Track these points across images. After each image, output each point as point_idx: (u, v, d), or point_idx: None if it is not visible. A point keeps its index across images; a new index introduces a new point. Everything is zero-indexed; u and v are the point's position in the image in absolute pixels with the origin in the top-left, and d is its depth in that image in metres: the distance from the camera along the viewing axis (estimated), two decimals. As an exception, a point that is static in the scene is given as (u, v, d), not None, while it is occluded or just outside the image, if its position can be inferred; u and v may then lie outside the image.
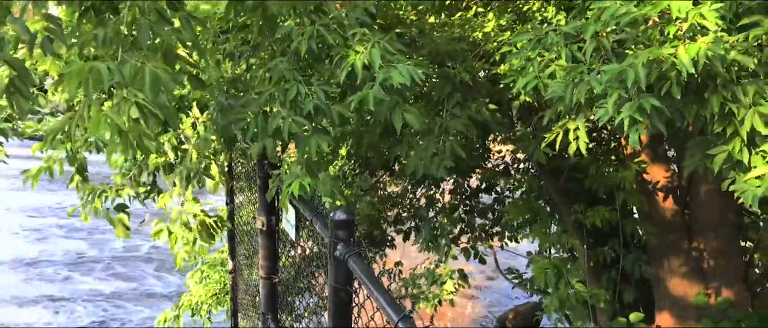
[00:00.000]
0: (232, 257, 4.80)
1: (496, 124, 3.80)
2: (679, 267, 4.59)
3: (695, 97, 2.48)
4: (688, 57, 2.23)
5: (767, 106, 2.33)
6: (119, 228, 3.15)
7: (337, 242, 2.41)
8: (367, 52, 2.46)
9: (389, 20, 3.85)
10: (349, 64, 2.48)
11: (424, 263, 5.81)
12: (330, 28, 2.59)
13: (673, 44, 2.30)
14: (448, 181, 5.76)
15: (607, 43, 2.59)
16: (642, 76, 2.28)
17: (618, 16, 2.42)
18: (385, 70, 2.43)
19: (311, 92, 2.55)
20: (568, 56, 2.72)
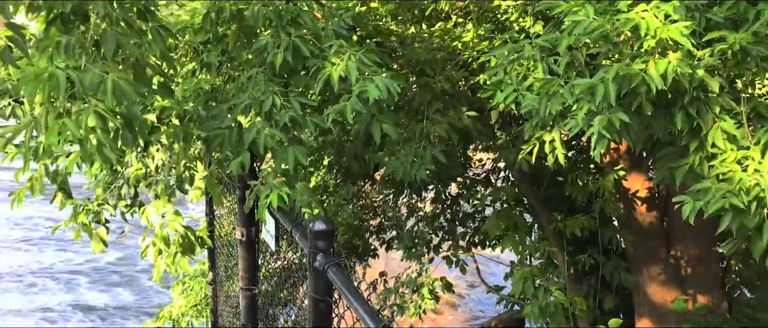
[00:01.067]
0: (213, 268, 4.77)
1: (476, 132, 3.83)
2: (657, 274, 4.63)
3: (664, 111, 2.54)
4: (657, 73, 2.28)
5: (730, 122, 2.40)
6: (96, 242, 3.12)
7: (317, 253, 2.40)
8: (343, 64, 2.48)
9: (369, 31, 3.86)
10: (324, 76, 2.49)
11: (407, 272, 5.82)
12: (306, 40, 2.60)
13: (643, 60, 2.34)
14: (430, 190, 5.78)
15: (581, 57, 2.63)
16: (612, 91, 2.33)
17: (589, 32, 2.45)
18: (361, 83, 2.44)
19: (287, 104, 2.56)
20: (545, 69, 2.75)
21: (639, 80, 2.30)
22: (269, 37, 2.65)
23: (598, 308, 4.73)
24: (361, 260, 5.84)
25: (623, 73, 2.30)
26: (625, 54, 2.41)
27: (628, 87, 2.33)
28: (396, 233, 5.93)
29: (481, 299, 9.37)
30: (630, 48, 2.42)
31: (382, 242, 6.01)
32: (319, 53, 2.61)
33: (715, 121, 2.41)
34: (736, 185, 2.28)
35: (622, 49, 2.45)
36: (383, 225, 5.98)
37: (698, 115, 2.41)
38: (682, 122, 2.44)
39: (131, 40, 2.05)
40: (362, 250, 5.80)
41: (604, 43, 2.48)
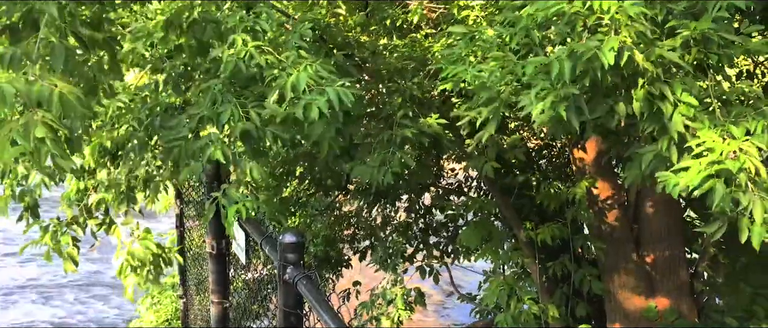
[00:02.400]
0: (183, 282, 4.71)
1: (447, 141, 3.84)
2: (628, 281, 4.68)
3: (625, 95, 2.50)
4: (608, 47, 2.21)
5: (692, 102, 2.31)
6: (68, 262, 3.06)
7: (287, 265, 2.39)
8: (294, 76, 2.47)
9: (338, 42, 3.86)
10: (277, 87, 2.48)
11: (382, 283, 5.80)
12: (263, 50, 2.59)
13: (598, 38, 2.30)
14: (403, 200, 5.78)
15: (535, 37, 2.60)
16: (567, 68, 2.26)
17: (545, 8, 2.42)
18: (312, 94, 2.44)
19: (244, 114, 2.54)
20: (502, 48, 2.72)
21: (591, 54, 2.22)
22: (225, 47, 2.63)
23: (571, 316, 4.77)
24: (335, 271, 5.81)
25: (577, 50, 2.24)
26: (581, 35, 2.37)
27: (582, 66, 2.26)
28: (370, 243, 5.91)
29: (457, 309, 9.37)
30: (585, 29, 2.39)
31: (356, 252, 5.99)
32: (277, 64, 2.60)
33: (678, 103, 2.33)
34: (719, 155, 2.15)
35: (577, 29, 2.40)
36: (357, 235, 5.96)
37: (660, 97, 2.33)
38: (642, 102, 2.36)
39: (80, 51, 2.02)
40: (336, 261, 5.77)
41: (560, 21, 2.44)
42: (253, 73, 2.67)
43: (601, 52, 2.22)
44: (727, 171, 2.14)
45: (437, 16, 4.52)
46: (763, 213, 2.16)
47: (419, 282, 5.95)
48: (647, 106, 2.39)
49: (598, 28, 2.34)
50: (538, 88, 2.37)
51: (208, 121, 2.67)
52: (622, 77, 2.40)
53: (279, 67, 2.60)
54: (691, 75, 2.41)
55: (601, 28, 2.34)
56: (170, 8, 3.10)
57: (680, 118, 2.32)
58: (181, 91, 3.18)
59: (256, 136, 2.50)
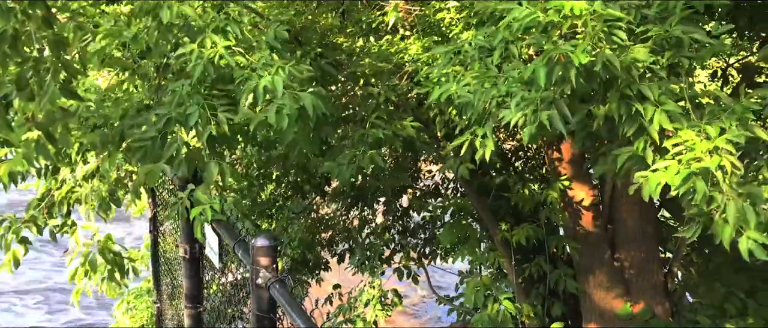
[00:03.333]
0: (157, 286, 4.65)
1: (421, 143, 3.85)
2: (603, 281, 4.72)
3: (602, 99, 2.53)
4: (581, 49, 2.25)
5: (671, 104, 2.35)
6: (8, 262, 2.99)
7: (259, 269, 2.37)
8: (269, 78, 2.45)
9: (313, 44, 3.84)
10: (249, 89, 2.46)
11: (359, 285, 5.79)
12: (234, 52, 2.56)
13: (573, 44, 2.34)
14: (381, 202, 5.77)
15: (515, 50, 2.63)
16: (542, 74, 2.30)
17: (521, 19, 2.45)
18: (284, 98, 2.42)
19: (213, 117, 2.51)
20: (483, 67, 2.75)
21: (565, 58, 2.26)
22: (195, 46, 2.60)
23: (547, 316, 4.80)
24: (313, 274, 5.79)
25: (553, 58, 2.27)
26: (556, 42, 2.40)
27: (558, 71, 2.28)
28: (348, 245, 5.90)
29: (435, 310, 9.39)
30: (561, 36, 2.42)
31: (333, 255, 5.97)
32: (248, 65, 2.57)
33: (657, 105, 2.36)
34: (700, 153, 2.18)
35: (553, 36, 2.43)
36: (335, 238, 5.94)
37: (637, 99, 2.36)
38: (618, 104, 2.39)
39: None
40: (314, 264, 5.75)
41: (536, 31, 2.47)
42: (223, 75, 2.64)
43: (573, 54, 2.24)
44: (706, 170, 2.17)
45: (413, 18, 4.52)
46: (735, 213, 2.19)
47: (398, 284, 5.96)
48: (626, 108, 2.42)
49: (575, 35, 2.37)
50: (518, 97, 2.40)
51: (176, 123, 2.64)
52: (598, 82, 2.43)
53: (250, 68, 2.57)
54: (665, 79, 2.44)
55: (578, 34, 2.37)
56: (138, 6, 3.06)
57: (661, 117, 2.33)
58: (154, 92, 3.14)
59: (225, 141, 2.47)
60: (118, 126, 2.96)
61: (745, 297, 4.72)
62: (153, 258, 4.65)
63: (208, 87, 2.68)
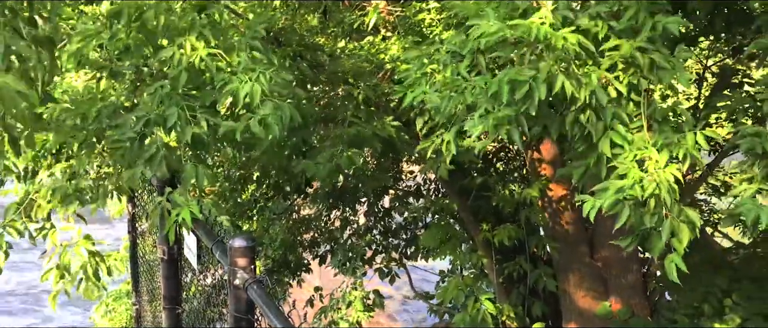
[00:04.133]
0: (136, 288, 4.61)
1: (402, 142, 3.85)
2: (583, 280, 4.76)
3: (558, 116, 2.60)
4: (542, 78, 2.32)
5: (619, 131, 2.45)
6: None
7: (237, 270, 2.35)
8: (249, 85, 2.44)
9: (294, 45, 3.83)
10: (229, 93, 2.45)
11: (341, 287, 5.78)
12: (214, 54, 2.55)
13: (533, 67, 2.39)
14: (363, 203, 5.77)
15: (483, 61, 2.68)
16: (505, 90, 2.37)
17: (488, 35, 2.49)
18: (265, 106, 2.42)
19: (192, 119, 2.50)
20: (453, 72, 2.78)
21: (525, 89, 2.35)
22: (176, 48, 2.58)
23: (528, 315, 4.82)
24: (295, 275, 5.77)
25: (514, 78, 2.35)
26: (524, 59, 2.46)
27: (520, 92, 2.37)
28: (330, 246, 5.89)
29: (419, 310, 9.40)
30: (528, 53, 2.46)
31: (315, 257, 5.95)
32: (228, 68, 2.56)
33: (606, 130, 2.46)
34: (630, 181, 2.33)
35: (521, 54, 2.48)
36: (316, 239, 5.93)
37: (588, 123, 2.46)
38: (572, 128, 2.50)
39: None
40: (295, 265, 5.73)
41: (502, 47, 2.53)
42: (203, 79, 2.63)
43: (535, 83, 2.32)
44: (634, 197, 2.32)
45: (394, 19, 4.52)
46: (669, 233, 2.38)
47: (380, 284, 5.96)
48: (579, 129, 2.51)
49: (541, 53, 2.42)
50: (482, 110, 2.46)
51: (155, 124, 2.62)
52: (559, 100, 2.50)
53: (230, 72, 2.56)
54: (625, 98, 2.51)
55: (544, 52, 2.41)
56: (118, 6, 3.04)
57: (606, 143, 2.45)
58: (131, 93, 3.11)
59: (206, 143, 2.46)
60: (94, 127, 2.93)
61: (723, 296, 4.78)
62: (131, 259, 4.61)
63: (187, 88, 2.66)
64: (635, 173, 2.35)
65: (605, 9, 2.58)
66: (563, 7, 2.50)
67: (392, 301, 9.00)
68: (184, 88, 2.60)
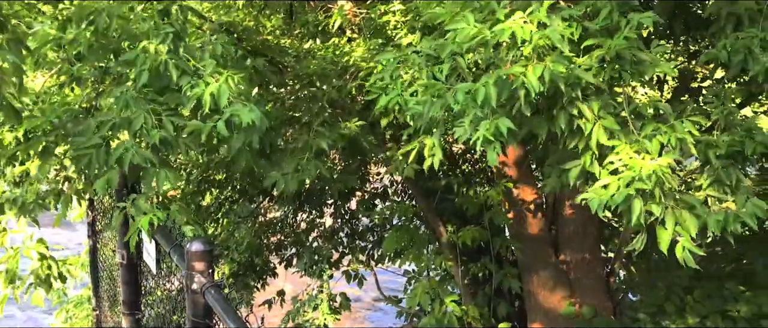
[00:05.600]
0: (96, 293, 4.52)
1: (368, 145, 3.84)
2: (547, 280, 4.80)
3: (546, 114, 2.61)
4: (535, 76, 2.33)
5: (610, 119, 2.47)
6: None
7: (194, 275, 2.32)
8: (215, 86, 2.41)
9: (257, 46, 3.80)
10: (195, 96, 2.42)
11: (307, 290, 5.75)
12: (179, 57, 2.52)
13: (522, 65, 2.41)
14: (330, 205, 5.75)
15: (463, 63, 2.67)
16: (493, 94, 2.37)
17: (470, 38, 2.50)
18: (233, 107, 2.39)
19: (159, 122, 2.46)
20: (430, 76, 2.79)
21: (518, 84, 2.34)
22: (139, 52, 2.54)
23: (493, 316, 4.85)
24: (260, 279, 5.72)
25: (503, 77, 2.35)
26: (505, 60, 2.46)
27: (508, 91, 2.37)
28: (296, 249, 5.85)
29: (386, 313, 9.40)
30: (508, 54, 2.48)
31: (282, 260, 5.91)
32: (193, 71, 2.53)
33: (596, 120, 2.47)
34: (638, 172, 2.30)
35: (502, 55, 2.50)
36: (283, 242, 5.88)
37: (579, 116, 2.47)
38: (564, 122, 2.50)
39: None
40: (261, 268, 5.68)
41: (484, 50, 2.53)
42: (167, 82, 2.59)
43: (526, 79, 2.31)
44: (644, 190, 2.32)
45: (359, 20, 4.52)
46: (674, 223, 2.38)
47: (348, 287, 5.94)
48: (568, 124, 2.51)
49: (521, 53, 2.43)
50: (471, 116, 2.45)
51: (120, 128, 2.57)
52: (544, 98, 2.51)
53: (195, 75, 2.53)
54: (606, 93, 2.53)
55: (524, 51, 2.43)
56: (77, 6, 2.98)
57: (600, 132, 2.45)
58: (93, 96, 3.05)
59: (172, 145, 2.42)
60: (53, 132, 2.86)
61: (684, 295, 4.86)
62: (92, 264, 4.52)
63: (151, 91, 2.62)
64: (637, 163, 2.33)
65: (578, 12, 2.62)
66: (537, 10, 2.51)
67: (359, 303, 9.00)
68: (148, 91, 2.56)
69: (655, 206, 2.34)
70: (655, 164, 2.34)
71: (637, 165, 2.34)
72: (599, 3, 2.64)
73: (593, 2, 2.65)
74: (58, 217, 3.16)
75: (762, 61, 2.67)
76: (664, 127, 2.53)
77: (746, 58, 2.73)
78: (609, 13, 2.62)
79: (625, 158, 2.39)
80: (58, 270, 3.02)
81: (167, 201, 2.63)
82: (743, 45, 2.74)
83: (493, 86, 2.38)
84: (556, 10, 2.63)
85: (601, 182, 2.41)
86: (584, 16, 2.70)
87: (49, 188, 3.14)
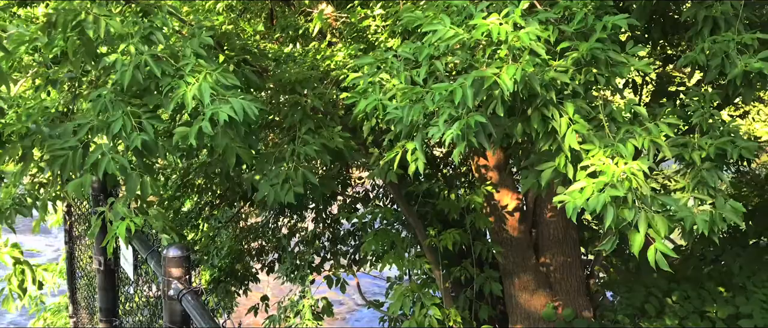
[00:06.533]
0: (73, 300, 4.47)
1: (349, 150, 3.83)
2: (528, 283, 4.83)
3: (521, 116, 2.63)
4: (508, 76, 2.35)
5: (582, 123, 2.49)
6: None
7: (171, 281, 2.30)
8: (197, 85, 2.39)
9: (237, 50, 3.78)
10: (178, 96, 2.40)
11: (289, 295, 5.71)
12: (159, 59, 2.49)
13: (497, 66, 2.42)
14: (311, 209, 5.72)
15: (440, 66, 2.69)
16: (469, 95, 2.38)
17: (446, 39, 2.51)
18: (214, 105, 2.37)
19: (137, 125, 2.43)
20: (407, 79, 2.79)
21: (491, 82, 2.36)
22: (119, 54, 2.52)
23: (475, 319, 4.86)
24: (242, 284, 5.68)
25: (479, 77, 2.35)
26: (481, 62, 2.48)
27: (484, 92, 2.38)
28: (278, 255, 5.82)
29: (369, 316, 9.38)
30: (485, 56, 2.49)
31: (263, 266, 5.87)
32: (174, 73, 2.51)
33: (569, 124, 2.49)
34: (611, 177, 2.33)
35: (478, 57, 2.52)
36: (264, 247, 5.85)
37: (554, 117, 2.48)
38: (538, 124, 2.51)
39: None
40: (242, 274, 5.64)
41: (461, 51, 2.55)
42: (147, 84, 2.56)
43: (500, 80, 2.33)
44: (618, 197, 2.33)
45: (340, 25, 4.51)
46: (646, 226, 2.40)
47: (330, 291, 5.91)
48: (542, 126, 2.53)
49: (497, 55, 2.44)
50: (445, 115, 2.46)
51: (98, 132, 2.54)
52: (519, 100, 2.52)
53: (176, 76, 2.51)
54: (581, 96, 2.55)
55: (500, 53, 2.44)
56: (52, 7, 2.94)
57: (573, 136, 2.46)
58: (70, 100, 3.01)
59: (152, 149, 2.40)
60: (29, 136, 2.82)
61: (663, 296, 4.92)
62: (68, 271, 4.47)
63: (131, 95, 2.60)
64: (610, 168, 2.35)
65: (554, 15, 2.63)
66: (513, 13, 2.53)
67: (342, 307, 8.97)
68: (127, 94, 2.53)
69: (627, 211, 2.37)
70: (627, 168, 2.37)
71: (610, 171, 2.37)
72: (574, 6, 2.66)
73: (568, 3, 2.68)
74: (36, 223, 3.12)
75: (739, 65, 2.71)
76: (638, 130, 2.56)
77: (724, 62, 2.77)
78: (584, 17, 2.65)
79: (598, 163, 2.42)
80: (34, 276, 2.98)
81: (146, 206, 2.61)
82: (721, 48, 2.78)
83: (469, 87, 2.40)
84: (532, 13, 2.65)
85: (578, 185, 2.43)
86: (560, 20, 2.72)
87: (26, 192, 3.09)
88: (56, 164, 2.55)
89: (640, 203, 2.40)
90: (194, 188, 4.84)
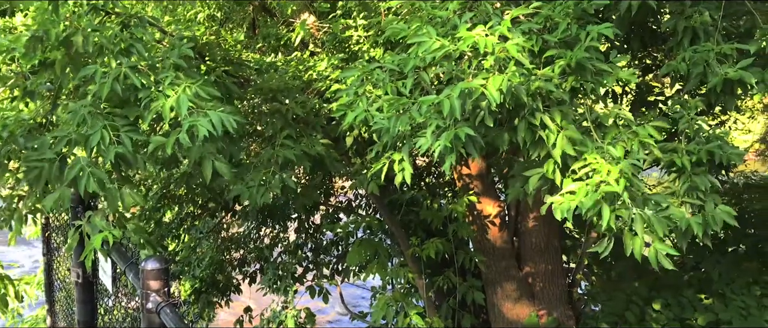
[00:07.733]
0: (52, 312, 4.40)
1: (331, 160, 3.83)
2: (511, 292, 4.84)
3: (507, 126, 2.65)
4: (495, 87, 2.37)
5: (573, 129, 2.51)
6: None
7: (149, 293, 2.27)
8: (175, 97, 2.38)
9: (218, 61, 3.76)
10: (155, 109, 2.38)
11: (271, 306, 5.67)
12: (139, 70, 2.48)
13: (483, 77, 2.44)
14: (294, 220, 5.70)
15: (426, 77, 2.71)
16: (457, 106, 2.40)
17: (433, 51, 2.53)
18: (192, 117, 2.36)
19: (116, 138, 2.41)
20: (393, 91, 2.81)
21: (478, 94, 2.38)
22: (99, 66, 2.50)
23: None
24: (223, 295, 5.63)
25: (465, 89, 2.37)
26: (467, 73, 2.50)
27: (470, 103, 2.40)
28: (260, 265, 5.78)
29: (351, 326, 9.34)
30: (471, 66, 2.51)
31: (245, 276, 5.83)
32: (153, 84, 2.49)
33: (560, 130, 2.51)
34: (605, 175, 2.33)
35: (464, 68, 2.54)
36: (246, 258, 5.81)
37: (541, 126, 2.49)
38: (525, 133, 2.53)
39: None
40: (224, 285, 5.60)
41: (447, 63, 2.57)
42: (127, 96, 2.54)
43: (487, 91, 2.34)
44: (613, 193, 2.34)
45: (322, 35, 4.51)
46: (643, 226, 2.41)
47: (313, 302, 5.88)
48: (529, 135, 2.54)
49: (482, 65, 2.46)
50: (433, 126, 2.47)
51: (76, 145, 2.52)
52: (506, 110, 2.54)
53: (155, 88, 2.49)
54: (567, 103, 2.57)
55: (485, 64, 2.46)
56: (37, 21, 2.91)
57: (564, 141, 2.47)
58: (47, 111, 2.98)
59: (130, 161, 2.37)
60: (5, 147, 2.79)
61: (644, 304, 4.95)
62: (46, 283, 4.40)
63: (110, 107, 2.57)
64: (604, 166, 2.35)
65: (537, 25, 2.66)
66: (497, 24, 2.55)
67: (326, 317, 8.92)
68: (106, 105, 2.51)
69: (623, 210, 2.37)
70: (622, 165, 2.38)
71: (604, 168, 2.37)
72: (557, 16, 2.69)
73: (550, 12, 2.70)
74: (11, 235, 3.07)
75: (719, 73, 2.76)
76: (626, 132, 2.58)
77: (705, 70, 2.81)
78: (567, 26, 2.68)
79: (592, 163, 2.42)
80: (16, 291, 2.94)
81: (124, 219, 2.58)
82: (701, 58, 2.83)
83: (456, 99, 2.41)
84: (516, 24, 2.67)
85: (568, 188, 2.44)
86: (544, 30, 2.75)
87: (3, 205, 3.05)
88: (31, 176, 2.51)
89: (635, 203, 2.41)
90: (175, 198, 4.80)
